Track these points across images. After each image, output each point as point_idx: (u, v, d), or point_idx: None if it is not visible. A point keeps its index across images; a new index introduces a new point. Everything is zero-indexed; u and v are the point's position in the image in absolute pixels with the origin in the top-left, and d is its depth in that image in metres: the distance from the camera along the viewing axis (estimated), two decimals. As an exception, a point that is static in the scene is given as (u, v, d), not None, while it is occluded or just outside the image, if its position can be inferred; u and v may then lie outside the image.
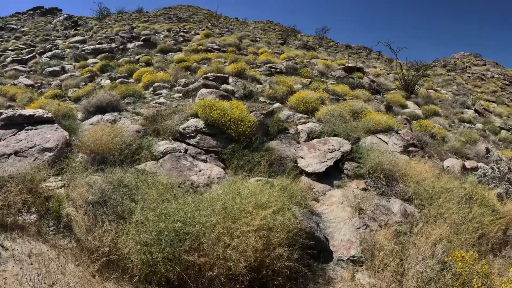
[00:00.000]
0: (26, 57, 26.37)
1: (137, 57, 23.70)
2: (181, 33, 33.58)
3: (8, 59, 25.79)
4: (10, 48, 29.62)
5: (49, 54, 26.67)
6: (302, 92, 14.05)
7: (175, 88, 14.88)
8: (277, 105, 12.82)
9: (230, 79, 15.53)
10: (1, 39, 34.29)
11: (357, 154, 9.37)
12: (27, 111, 8.93)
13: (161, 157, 8.26)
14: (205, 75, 15.33)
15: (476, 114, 24.90)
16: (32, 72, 22.93)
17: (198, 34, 32.97)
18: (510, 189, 9.55)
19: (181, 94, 13.74)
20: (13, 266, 4.80)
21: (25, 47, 29.91)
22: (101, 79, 18.79)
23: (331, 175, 8.75)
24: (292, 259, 5.46)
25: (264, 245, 5.31)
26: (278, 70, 19.74)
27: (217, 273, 4.96)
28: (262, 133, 9.79)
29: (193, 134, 9.16)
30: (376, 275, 5.90)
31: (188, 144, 8.95)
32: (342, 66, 23.09)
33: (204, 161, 8.48)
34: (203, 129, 9.30)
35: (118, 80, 17.49)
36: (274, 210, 5.82)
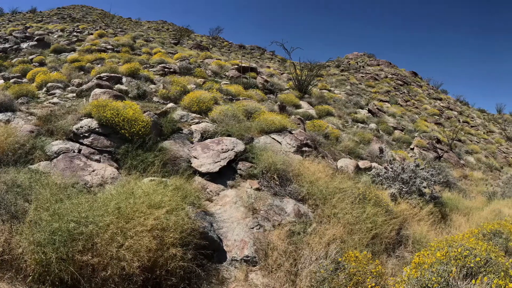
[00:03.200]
0: None
1: (30, 57, 22.64)
2: (75, 33, 32.40)
3: None
4: None
5: None
6: (195, 92, 14.15)
7: (69, 88, 14.67)
8: (170, 105, 13.02)
9: (124, 79, 15.62)
10: None
11: (250, 154, 9.54)
12: None
13: (55, 157, 8.21)
14: (98, 75, 15.31)
15: (370, 114, 25.57)
16: None
17: (91, 34, 32.01)
18: (403, 189, 9.89)
19: (75, 94, 13.64)
20: None
21: None
22: (-5, 79, 17.94)
23: (225, 175, 8.85)
24: (186, 259, 5.53)
25: (157, 245, 5.34)
26: (172, 70, 19.85)
27: (111, 273, 4.98)
28: (156, 133, 9.87)
29: (86, 134, 9.12)
30: (270, 275, 5.99)
31: (81, 144, 8.90)
32: (236, 66, 23.33)
33: (98, 161, 8.48)
34: (97, 129, 9.27)
35: (11, 80, 16.72)
36: (167, 210, 5.85)
